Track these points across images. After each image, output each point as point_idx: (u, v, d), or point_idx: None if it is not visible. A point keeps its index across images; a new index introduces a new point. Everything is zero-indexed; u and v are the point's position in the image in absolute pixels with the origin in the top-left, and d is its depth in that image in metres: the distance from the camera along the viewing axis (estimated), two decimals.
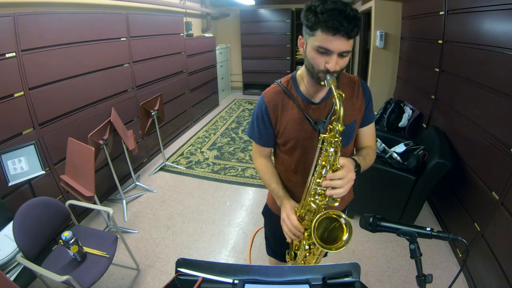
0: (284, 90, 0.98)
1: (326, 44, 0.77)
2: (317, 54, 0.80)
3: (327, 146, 0.83)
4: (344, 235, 0.85)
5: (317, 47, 0.79)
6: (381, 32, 4.07)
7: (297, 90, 0.98)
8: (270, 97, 0.99)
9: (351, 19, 0.74)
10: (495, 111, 1.70)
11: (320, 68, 0.82)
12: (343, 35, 0.75)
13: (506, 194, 1.51)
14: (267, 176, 1.09)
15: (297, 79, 0.99)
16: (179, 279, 0.72)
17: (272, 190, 1.08)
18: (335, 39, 0.76)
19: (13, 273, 1.57)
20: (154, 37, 3.41)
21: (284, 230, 0.97)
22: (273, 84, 1.03)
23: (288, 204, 0.99)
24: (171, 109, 3.90)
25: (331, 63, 0.79)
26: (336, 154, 0.83)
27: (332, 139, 0.82)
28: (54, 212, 1.65)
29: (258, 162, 1.12)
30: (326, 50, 0.78)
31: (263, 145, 1.07)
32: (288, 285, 0.70)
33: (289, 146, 1.01)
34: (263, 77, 6.59)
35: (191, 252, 2.16)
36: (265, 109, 0.99)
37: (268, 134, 1.03)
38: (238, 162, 3.52)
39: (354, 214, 2.44)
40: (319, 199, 0.88)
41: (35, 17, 1.97)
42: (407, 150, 2.26)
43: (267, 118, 0.99)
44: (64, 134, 2.18)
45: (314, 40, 0.79)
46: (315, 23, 0.76)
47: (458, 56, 2.20)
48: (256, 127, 1.03)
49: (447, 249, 2.08)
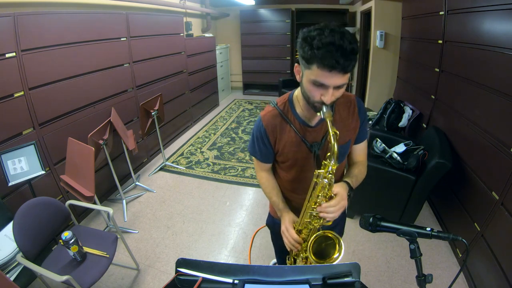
0: (281, 114, 0.99)
1: (322, 79, 0.77)
2: (313, 87, 0.80)
3: (322, 180, 0.88)
4: (335, 253, 0.92)
5: (313, 81, 0.79)
6: (381, 32, 4.07)
7: (294, 113, 0.99)
8: (268, 121, 1.01)
9: (348, 54, 0.72)
10: (495, 111, 1.70)
11: (316, 99, 0.82)
12: (339, 71, 0.74)
13: (506, 194, 1.51)
14: (268, 189, 1.14)
15: (294, 101, 1.00)
16: (179, 279, 0.72)
17: (273, 202, 1.13)
18: (331, 75, 0.75)
19: (13, 273, 1.57)
20: (154, 37, 3.41)
21: (284, 241, 1.05)
22: (269, 105, 1.03)
23: (287, 217, 1.05)
24: (171, 109, 3.90)
25: (327, 97, 0.79)
26: (330, 186, 0.88)
27: (327, 175, 0.87)
28: (54, 212, 1.65)
29: (260, 175, 1.16)
30: (322, 84, 0.78)
31: (264, 162, 1.11)
32: (288, 285, 0.70)
33: (287, 164, 1.06)
34: (263, 77, 6.59)
35: (191, 252, 2.16)
36: (264, 132, 1.02)
37: (268, 153, 1.07)
38: (238, 162, 3.52)
39: (354, 214, 2.44)
40: (315, 221, 0.96)
41: (35, 17, 1.97)
42: (407, 150, 2.26)
43: (266, 140, 1.03)
44: (64, 134, 2.18)
45: (310, 73, 0.79)
46: (311, 57, 0.75)
47: (458, 56, 2.20)
48: (257, 146, 1.07)
49: (447, 249, 2.08)
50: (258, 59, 6.46)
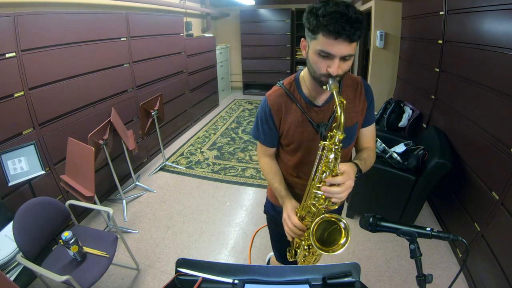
0: (287, 92, 0.98)
1: (327, 48, 0.76)
2: (319, 58, 0.79)
3: (327, 153, 0.83)
4: (342, 239, 0.85)
5: (319, 50, 0.78)
6: (381, 32, 4.07)
7: (300, 93, 0.97)
8: (274, 100, 0.99)
9: (353, 22, 0.72)
10: (495, 111, 1.70)
11: (322, 72, 0.80)
12: (345, 39, 0.73)
13: (506, 194, 1.51)
14: (270, 175, 1.10)
15: (300, 81, 0.99)
16: (179, 279, 0.72)
17: (275, 189, 1.09)
18: (337, 43, 0.74)
19: (13, 273, 1.57)
20: (154, 37, 3.41)
21: (285, 229, 0.99)
22: (275, 85, 1.02)
23: (289, 204, 1.00)
24: (171, 109, 3.90)
25: (333, 67, 0.78)
26: (336, 161, 0.84)
27: (333, 147, 0.82)
28: (54, 212, 1.65)
29: (263, 161, 1.13)
30: (328, 54, 0.77)
31: (268, 145, 1.08)
32: (288, 285, 0.70)
33: (292, 147, 1.02)
34: (263, 77, 6.59)
35: (191, 252, 2.16)
36: (269, 112, 0.99)
37: (272, 135, 1.04)
38: (238, 162, 3.52)
39: (354, 214, 2.44)
40: (319, 202, 0.89)
41: (35, 17, 1.97)
42: (407, 150, 2.26)
43: (271, 120, 1.00)
44: (64, 134, 2.18)
45: (316, 43, 0.78)
46: (317, 26, 0.75)
47: (458, 56, 2.20)
48: (261, 129, 1.04)
49: (447, 249, 2.08)
50: (258, 59, 6.46)
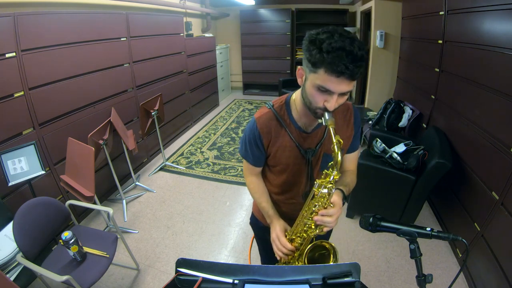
0: (277, 117, 0.95)
1: (328, 85, 0.74)
2: (317, 92, 0.77)
3: (322, 190, 0.85)
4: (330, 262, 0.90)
5: (319, 86, 0.75)
6: (381, 32, 4.07)
7: (290, 118, 0.96)
8: (263, 123, 0.96)
9: (357, 61, 0.69)
10: (495, 111, 1.70)
11: (319, 105, 0.79)
12: (347, 77, 0.71)
13: (506, 194, 1.51)
14: (257, 194, 1.10)
15: (291, 105, 0.96)
16: (179, 279, 0.72)
17: (262, 208, 1.09)
18: (338, 81, 0.72)
19: (13, 273, 1.57)
20: (154, 37, 3.41)
21: (274, 249, 0.99)
22: (264, 107, 0.99)
23: (278, 225, 1.01)
24: (171, 109, 3.90)
25: (331, 103, 0.76)
26: (329, 196, 0.85)
27: (327, 185, 0.83)
28: (54, 212, 1.65)
29: (250, 180, 1.13)
30: (327, 90, 0.75)
31: (255, 165, 1.07)
32: (288, 285, 0.70)
33: (278, 169, 1.03)
34: (263, 77, 6.59)
35: (191, 252, 2.16)
36: (258, 135, 0.97)
37: (261, 156, 1.03)
38: (238, 162, 3.52)
39: (354, 214, 2.44)
40: (310, 230, 0.92)
41: (35, 17, 1.97)
42: (407, 150, 2.25)
43: (260, 143, 0.98)
44: (64, 134, 2.18)
45: (316, 77, 0.75)
46: (319, 61, 0.71)
47: (458, 56, 2.20)
48: (249, 150, 1.02)
49: (447, 249, 2.08)
50: (258, 59, 6.46)
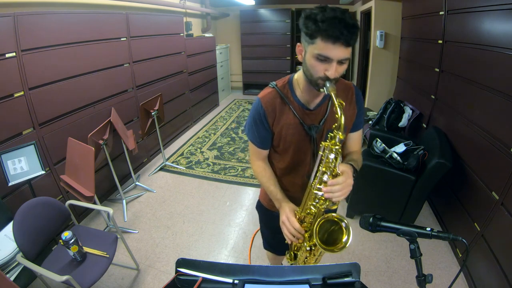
0: (281, 94, 0.99)
1: (326, 52, 0.79)
2: (316, 62, 0.82)
3: (328, 154, 0.85)
4: (344, 237, 0.86)
5: (317, 55, 0.80)
6: (381, 32, 4.07)
7: (293, 95, 0.99)
8: (267, 102, 1.00)
9: (350, 27, 0.75)
10: (495, 111, 1.70)
11: (320, 75, 0.83)
12: (343, 43, 0.76)
13: (506, 194, 1.51)
14: (265, 178, 1.11)
15: (294, 84, 1.00)
16: (179, 279, 0.72)
17: (270, 192, 1.09)
18: (335, 47, 0.77)
19: (13, 273, 1.57)
20: (154, 37, 3.41)
21: (284, 232, 0.98)
22: (268, 86, 1.03)
23: (287, 207, 1.00)
24: (171, 109, 3.90)
25: (331, 71, 0.80)
26: (336, 161, 0.85)
27: (333, 147, 0.84)
28: (54, 212, 1.65)
29: (256, 165, 1.13)
30: (326, 58, 0.80)
31: (263, 148, 1.08)
32: (288, 285, 0.70)
33: (282, 148, 1.04)
34: (263, 77, 6.59)
35: (191, 252, 2.16)
36: (263, 114, 1.00)
37: (267, 137, 1.04)
38: (238, 162, 3.52)
39: (354, 214, 2.44)
40: (320, 203, 0.91)
41: (35, 17, 1.97)
42: (407, 150, 2.25)
43: (265, 121, 1.01)
44: (64, 134, 2.18)
45: (314, 48, 0.80)
46: (315, 31, 0.78)
47: (458, 56, 2.20)
48: (255, 130, 1.04)
49: (447, 249, 2.08)
50: (258, 59, 6.46)
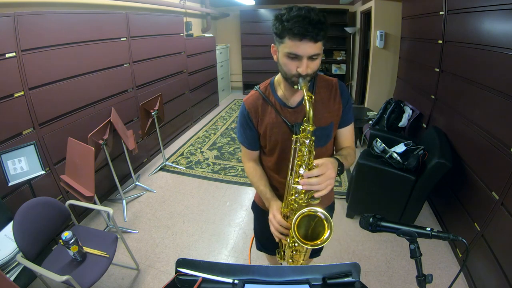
0: (263, 95, 1.03)
1: (294, 49, 0.82)
2: (288, 60, 0.85)
3: (301, 146, 0.88)
4: (326, 232, 0.83)
5: (287, 53, 0.84)
6: (381, 32, 4.08)
7: (275, 95, 1.03)
8: (250, 104, 1.04)
9: (315, 23, 0.77)
10: (495, 111, 1.70)
11: (293, 72, 0.86)
12: (310, 39, 0.79)
13: (506, 194, 1.51)
14: (255, 178, 1.14)
15: (275, 84, 1.04)
16: (179, 279, 0.72)
17: (260, 192, 1.12)
18: (302, 44, 0.80)
19: (13, 273, 1.57)
20: (154, 37, 3.41)
21: (272, 230, 1.01)
22: (252, 90, 1.08)
23: (275, 205, 1.04)
24: (171, 109, 3.90)
25: (302, 67, 0.83)
26: (310, 154, 0.88)
27: (305, 139, 0.86)
28: (54, 212, 1.65)
29: (247, 165, 1.18)
30: (295, 55, 0.83)
31: (252, 149, 1.12)
32: (288, 285, 0.70)
33: (269, 148, 1.07)
34: (263, 77, 6.38)
35: (191, 252, 2.16)
36: (247, 115, 1.04)
37: (254, 137, 1.09)
38: (238, 162, 3.52)
39: (354, 214, 2.44)
40: (299, 197, 0.92)
41: (35, 17, 1.97)
42: (407, 150, 2.25)
43: (250, 123, 1.05)
44: (64, 134, 2.18)
45: (284, 47, 0.84)
46: (282, 30, 0.81)
47: (458, 56, 2.20)
48: (244, 134, 1.09)
49: (447, 249, 2.08)
50: (258, 59, 6.46)
